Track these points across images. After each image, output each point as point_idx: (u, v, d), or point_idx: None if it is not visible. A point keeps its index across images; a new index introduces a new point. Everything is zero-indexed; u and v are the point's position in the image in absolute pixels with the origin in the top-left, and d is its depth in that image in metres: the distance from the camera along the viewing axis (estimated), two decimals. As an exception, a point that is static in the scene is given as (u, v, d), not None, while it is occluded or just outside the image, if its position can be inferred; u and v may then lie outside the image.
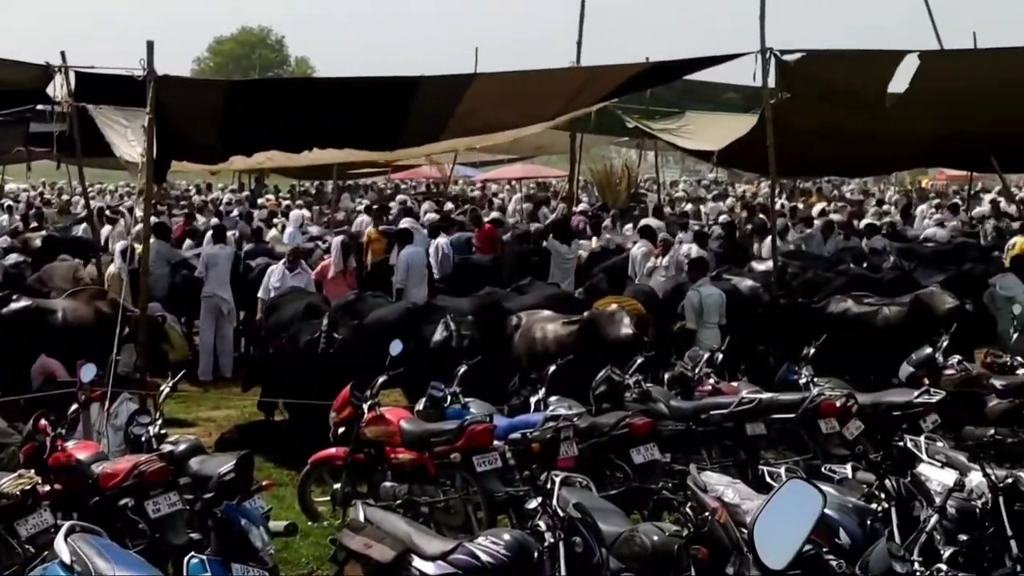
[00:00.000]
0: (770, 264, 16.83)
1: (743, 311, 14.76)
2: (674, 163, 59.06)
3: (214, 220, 24.93)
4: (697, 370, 11.84)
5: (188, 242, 21.99)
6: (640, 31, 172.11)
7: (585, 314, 13.12)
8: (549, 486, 6.94)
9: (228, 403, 15.56)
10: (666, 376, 12.03)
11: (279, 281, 16.72)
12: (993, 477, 7.38)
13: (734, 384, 12.07)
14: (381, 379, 10.46)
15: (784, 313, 15.00)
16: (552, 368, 11.09)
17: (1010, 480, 7.46)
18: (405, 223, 21.01)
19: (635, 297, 14.59)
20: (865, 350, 14.03)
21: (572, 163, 22.36)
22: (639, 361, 11.44)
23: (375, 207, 28.21)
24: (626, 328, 12.54)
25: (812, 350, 12.13)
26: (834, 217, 26.37)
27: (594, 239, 22.01)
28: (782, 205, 28.23)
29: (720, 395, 11.41)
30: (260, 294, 16.86)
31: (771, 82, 15.35)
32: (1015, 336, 14.47)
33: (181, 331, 16.20)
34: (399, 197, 36.74)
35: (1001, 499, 7.32)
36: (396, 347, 10.63)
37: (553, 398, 10.74)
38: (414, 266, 17.82)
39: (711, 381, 11.77)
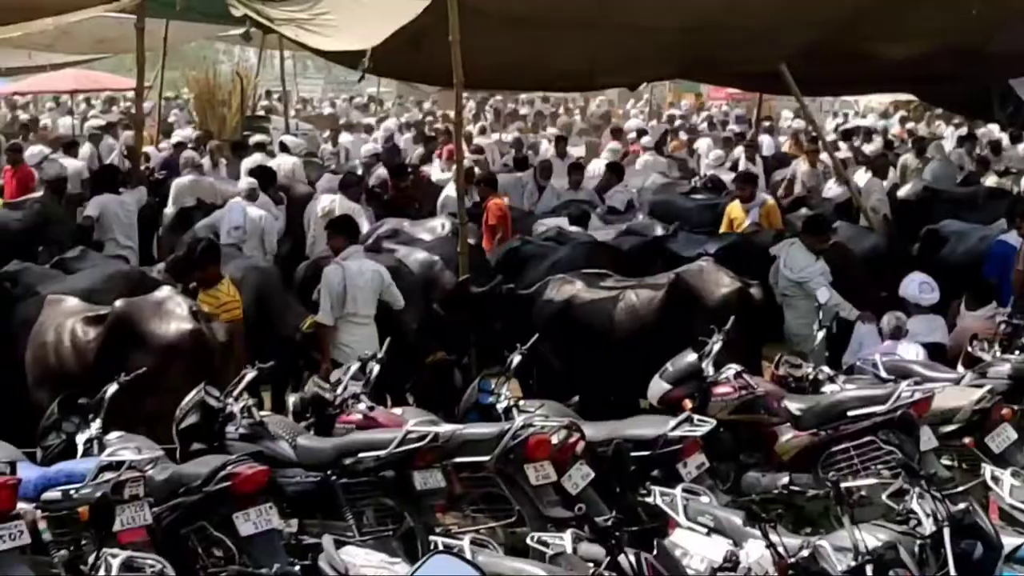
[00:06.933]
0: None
1: (416, 296, 10.83)
2: (315, 70, 43.76)
3: None
4: (342, 389, 8.72)
5: None
6: None
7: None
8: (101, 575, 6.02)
9: None
10: (291, 399, 9.12)
11: None
12: (781, 548, 6.04)
13: (397, 411, 9.02)
14: None
15: (484, 302, 10.90)
16: (112, 389, 8.14)
17: (806, 552, 6.01)
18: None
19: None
20: (599, 356, 10.52)
21: (140, 67, 16.23)
22: (249, 375, 8.36)
23: None
24: None
25: (517, 358, 9.19)
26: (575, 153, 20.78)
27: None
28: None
29: (374, 427, 8.41)
30: None
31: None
32: (819, 336, 10.79)
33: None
34: None
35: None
36: None
37: (114, 435, 7.77)
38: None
39: (361, 406, 8.62)
